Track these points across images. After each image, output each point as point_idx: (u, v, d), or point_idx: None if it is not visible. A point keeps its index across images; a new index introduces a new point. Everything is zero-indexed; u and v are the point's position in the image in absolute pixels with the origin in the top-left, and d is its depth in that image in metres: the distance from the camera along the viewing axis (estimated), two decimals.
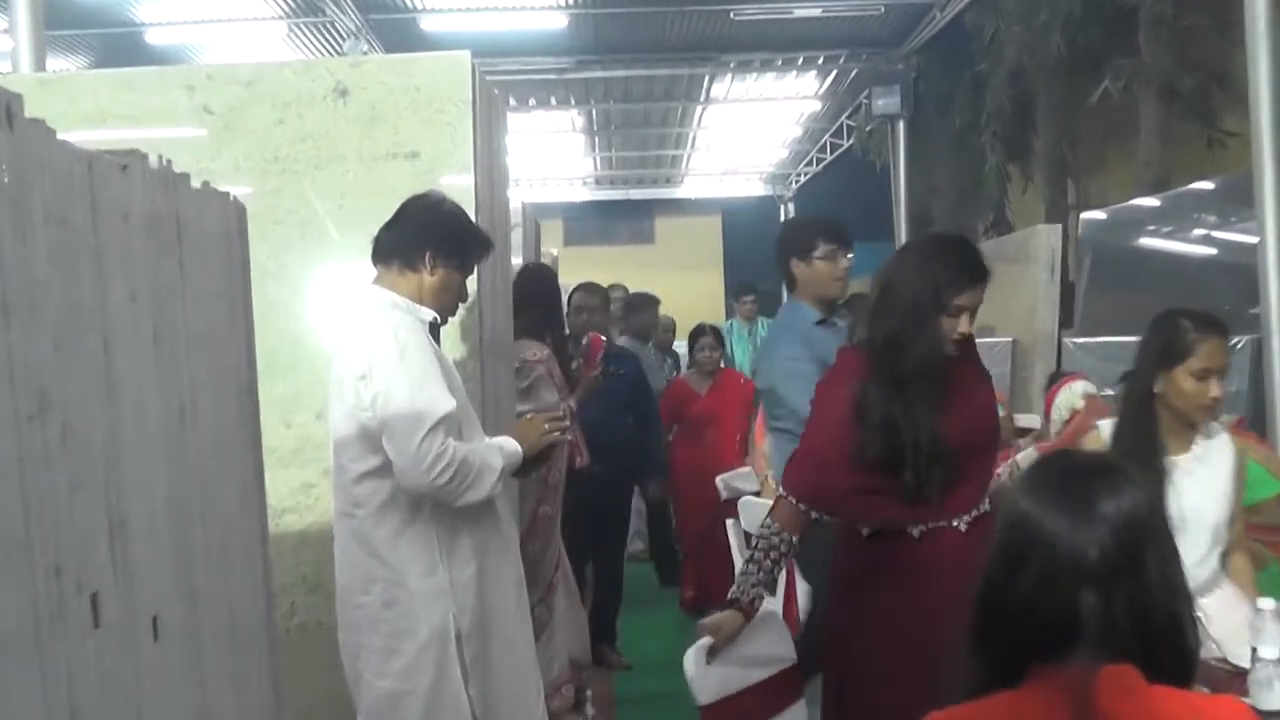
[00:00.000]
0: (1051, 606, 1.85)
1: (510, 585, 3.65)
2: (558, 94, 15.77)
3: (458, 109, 4.37)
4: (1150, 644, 1.84)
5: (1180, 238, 9.95)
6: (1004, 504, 1.99)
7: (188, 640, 2.27)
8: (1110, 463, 1.99)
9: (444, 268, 3.57)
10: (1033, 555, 1.88)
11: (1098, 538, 1.85)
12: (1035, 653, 1.87)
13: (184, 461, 2.28)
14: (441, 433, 3.31)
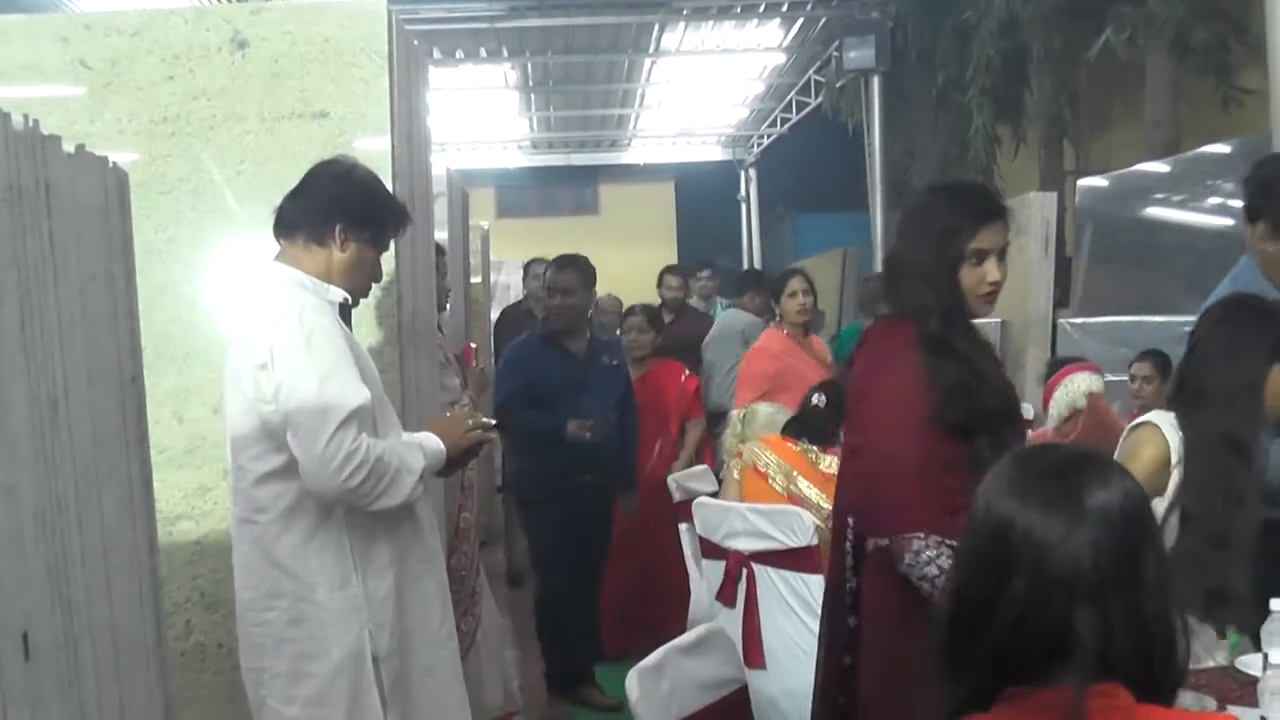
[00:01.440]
0: (1042, 625, 1.88)
1: (433, 599, 3.66)
2: (488, 45, 15.69)
3: (372, 63, 4.37)
4: (1143, 658, 1.88)
5: (1193, 206, 10.05)
6: (978, 506, 1.99)
7: (63, 661, 2.27)
8: (1100, 454, 2.00)
9: (356, 242, 3.57)
10: (1019, 568, 1.89)
11: (1094, 541, 1.87)
12: (1016, 673, 1.90)
13: (54, 462, 2.28)
14: (353, 428, 3.31)
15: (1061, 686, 1.85)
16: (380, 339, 4.30)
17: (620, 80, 18.20)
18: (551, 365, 6.57)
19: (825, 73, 16.64)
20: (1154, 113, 11.41)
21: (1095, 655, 1.85)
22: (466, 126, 19.74)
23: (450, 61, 15.80)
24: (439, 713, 3.68)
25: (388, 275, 4.24)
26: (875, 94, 13.84)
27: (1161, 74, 11.33)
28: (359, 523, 3.45)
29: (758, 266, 21.03)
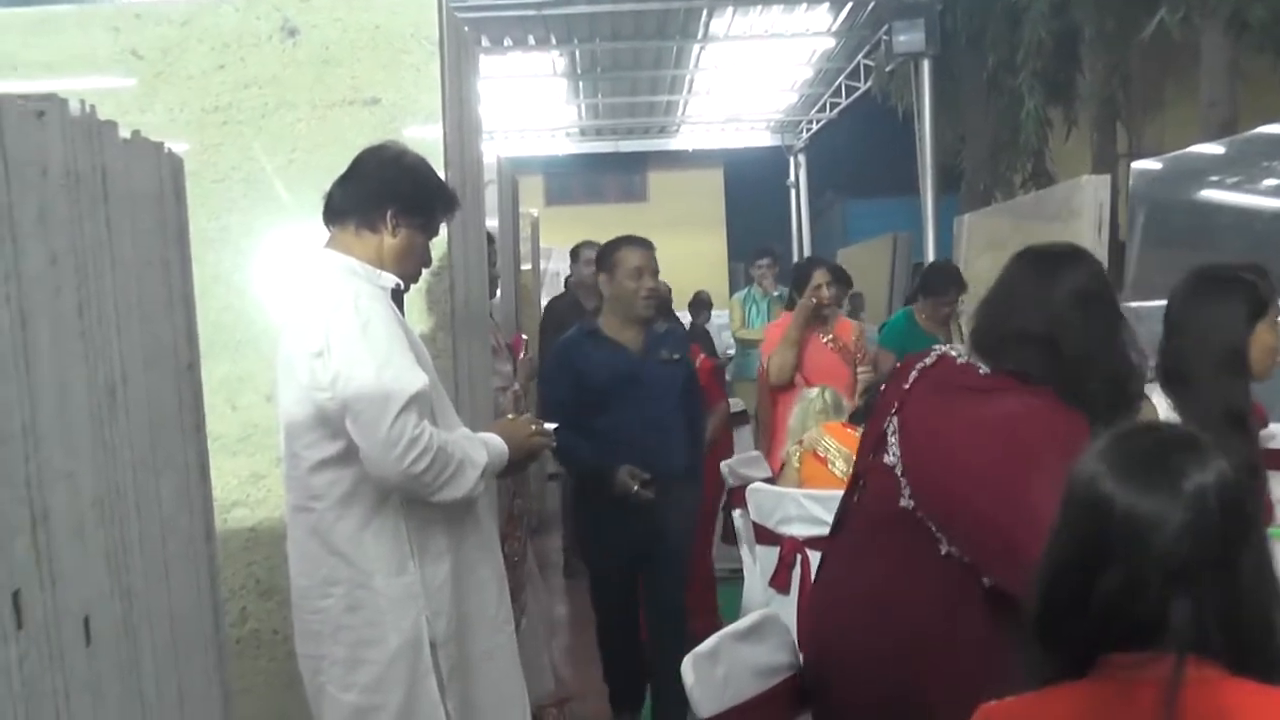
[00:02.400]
0: (1137, 606, 1.90)
1: (490, 585, 3.66)
2: (536, 33, 15.70)
3: (423, 50, 4.37)
4: (1239, 644, 1.90)
5: (1249, 189, 9.95)
6: (1078, 484, 2.00)
7: (123, 648, 2.28)
8: (1199, 436, 1.99)
9: (407, 228, 3.56)
10: (1118, 549, 1.91)
11: (1191, 525, 1.88)
12: (1111, 644, 1.93)
13: (114, 449, 2.29)
14: (414, 413, 3.30)
15: (1156, 660, 1.88)
16: (433, 325, 4.29)
17: (668, 66, 18.17)
18: (602, 363, 5.67)
19: (874, 57, 16.56)
20: (1210, 93, 11.29)
21: (1189, 636, 1.87)
22: (515, 114, 19.76)
23: (499, 49, 15.81)
24: (498, 697, 3.68)
25: (440, 262, 4.24)
26: (925, 78, 13.76)
27: (1218, 53, 11.21)
28: (415, 509, 3.44)
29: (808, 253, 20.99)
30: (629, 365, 5.66)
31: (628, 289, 5.63)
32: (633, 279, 5.62)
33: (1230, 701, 1.87)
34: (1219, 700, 1.87)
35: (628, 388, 5.61)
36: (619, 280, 5.66)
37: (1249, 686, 1.89)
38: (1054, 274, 3.05)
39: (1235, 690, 1.89)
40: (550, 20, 14.99)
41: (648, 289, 5.64)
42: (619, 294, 5.68)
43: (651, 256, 5.70)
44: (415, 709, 3.45)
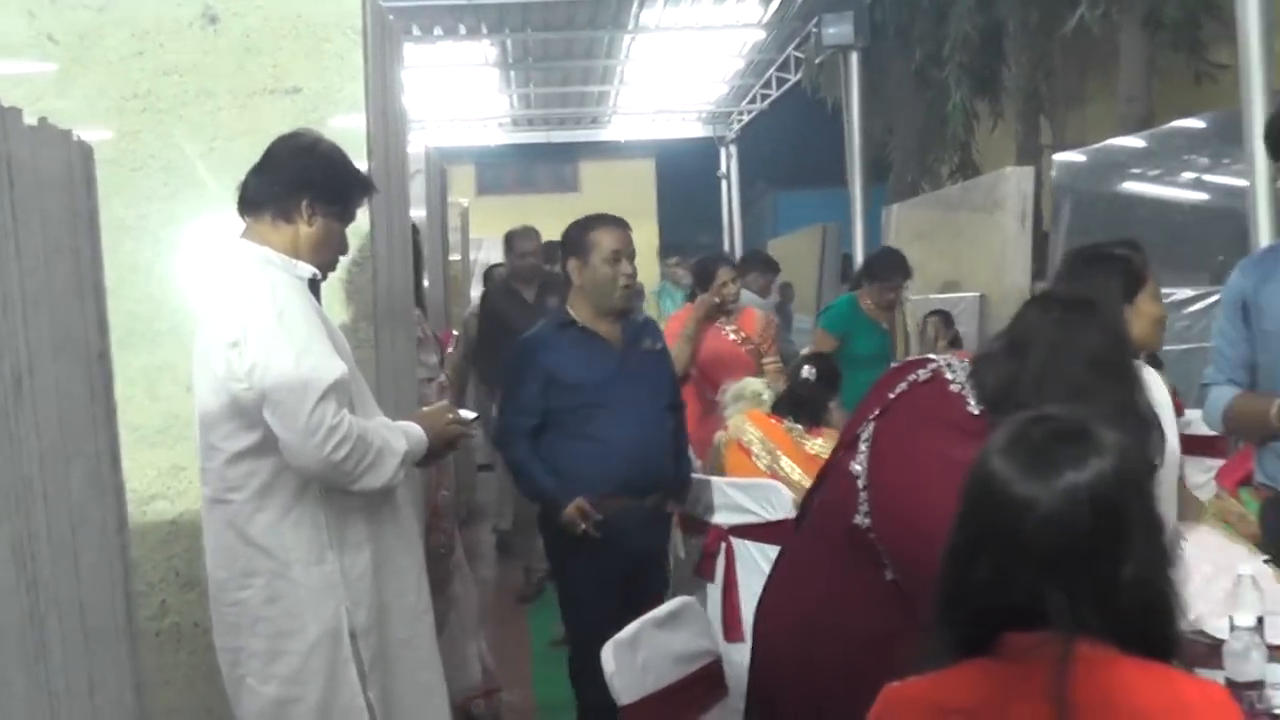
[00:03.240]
0: (1012, 594, 1.96)
1: (410, 575, 3.64)
2: (467, 22, 15.64)
3: (346, 39, 4.32)
4: (1119, 630, 1.94)
5: (1168, 181, 10.08)
6: (975, 464, 2.04)
7: (29, 639, 2.24)
8: (1094, 431, 2.02)
9: (323, 217, 3.53)
10: (994, 534, 1.97)
11: (1062, 519, 1.93)
12: (1004, 626, 1.98)
13: (20, 439, 2.25)
14: (333, 402, 3.28)
15: (1049, 641, 1.92)
16: (355, 315, 4.26)
17: (600, 57, 18.13)
18: (580, 360, 5.01)
19: (805, 49, 16.61)
20: (1127, 88, 11.44)
21: (1066, 622, 1.91)
22: (446, 104, 19.68)
23: (429, 38, 15.74)
24: (418, 685, 3.67)
25: (363, 251, 4.20)
26: (854, 70, 13.84)
27: (1135, 50, 11.36)
28: (334, 499, 3.42)
29: (739, 243, 21.04)
30: (611, 361, 5.04)
31: (604, 275, 5.00)
32: (609, 264, 4.99)
33: (1118, 679, 1.92)
34: (1108, 678, 1.91)
35: (611, 386, 4.98)
36: (593, 265, 5.01)
37: (1136, 664, 1.94)
38: (1079, 332, 2.91)
39: (1124, 668, 1.93)
40: (481, 9, 14.93)
41: (626, 275, 5.04)
42: (593, 281, 5.02)
43: (629, 238, 5.11)
44: (336, 700, 3.43)
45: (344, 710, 3.44)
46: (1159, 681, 1.94)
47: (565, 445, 4.96)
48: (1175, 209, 9.96)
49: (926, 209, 13.72)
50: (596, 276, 5.00)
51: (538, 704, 6.48)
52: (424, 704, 3.68)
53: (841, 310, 8.19)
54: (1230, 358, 4.10)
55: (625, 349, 5.09)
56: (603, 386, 4.96)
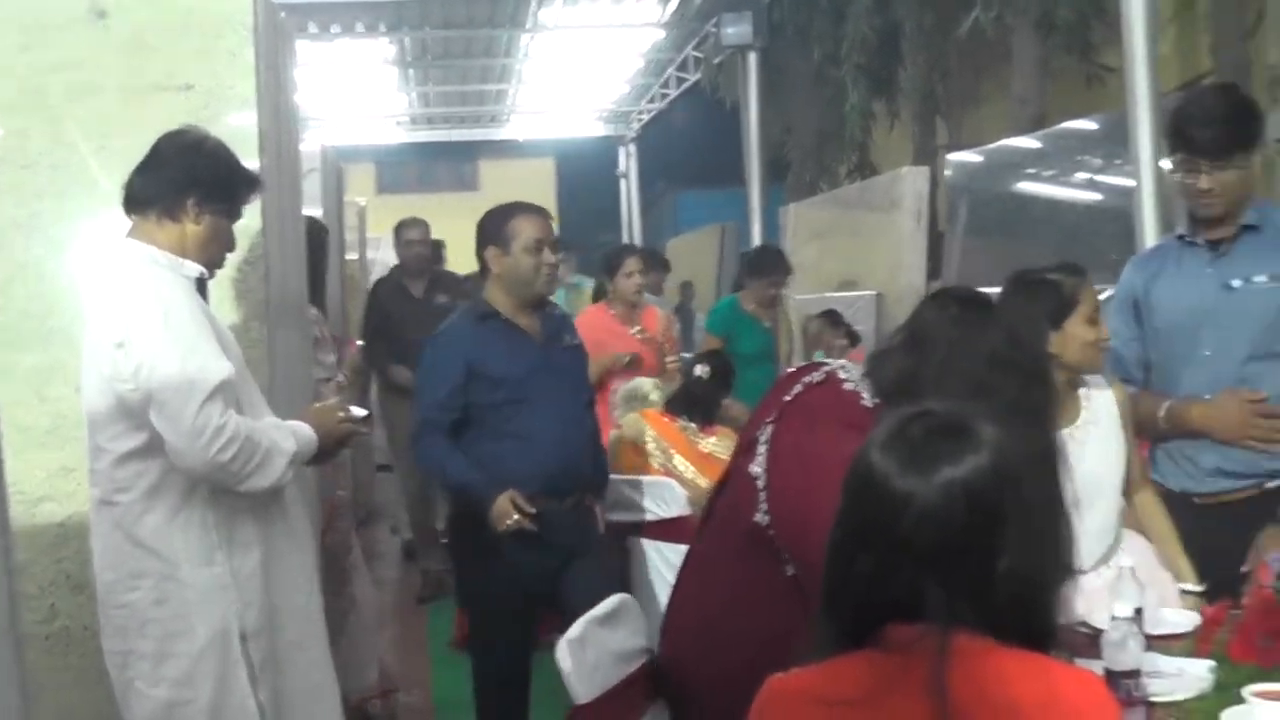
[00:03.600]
0: (892, 587, 1.98)
1: (300, 574, 3.64)
2: (364, 19, 15.52)
3: (237, 35, 4.29)
4: (1004, 617, 1.98)
5: (1062, 181, 10.24)
6: (858, 456, 2.06)
7: None
8: (974, 428, 2.04)
9: (210, 214, 3.52)
10: (874, 527, 2.00)
11: (939, 515, 1.96)
12: (886, 618, 2.00)
13: None
14: (219, 402, 3.27)
15: (929, 632, 1.95)
16: (247, 314, 4.23)
17: (499, 56, 18.07)
18: (504, 353, 4.81)
19: (703, 49, 16.64)
20: (1021, 89, 11.61)
21: (942, 615, 1.94)
22: (344, 102, 19.51)
23: (326, 35, 15.61)
24: (309, 686, 3.66)
25: (255, 250, 4.18)
26: (752, 70, 13.88)
27: (1028, 51, 11.53)
28: (222, 500, 3.40)
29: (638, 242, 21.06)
30: (533, 354, 4.85)
31: (525, 265, 4.81)
32: (531, 253, 4.81)
33: (994, 671, 1.95)
34: (984, 670, 1.94)
35: (535, 380, 4.78)
36: (515, 254, 4.82)
37: (1013, 655, 1.97)
38: (976, 330, 2.96)
39: (1000, 660, 1.96)
40: (379, 7, 14.83)
41: (549, 264, 4.87)
42: (514, 270, 4.83)
43: (550, 226, 4.96)
44: (226, 701, 3.42)
45: (235, 712, 3.42)
46: (1035, 672, 1.97)
47: (486, 444, 4.74)
48: (1068, 208, 10.12)
49: (824, 208, 13.82)
50: (518, 266, 4.82)
51: (436, 704, 6.48)
52: (315, 705, 3.67)
53: (723, 312, 8.25)
54: (1124, 357, 4.15)
55: (546, 342, 4.92)
56: (526, 381, 4.77)
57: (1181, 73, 10.33)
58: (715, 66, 16.25)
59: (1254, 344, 3.89)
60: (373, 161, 25.70)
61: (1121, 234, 8.13)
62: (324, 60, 16.33)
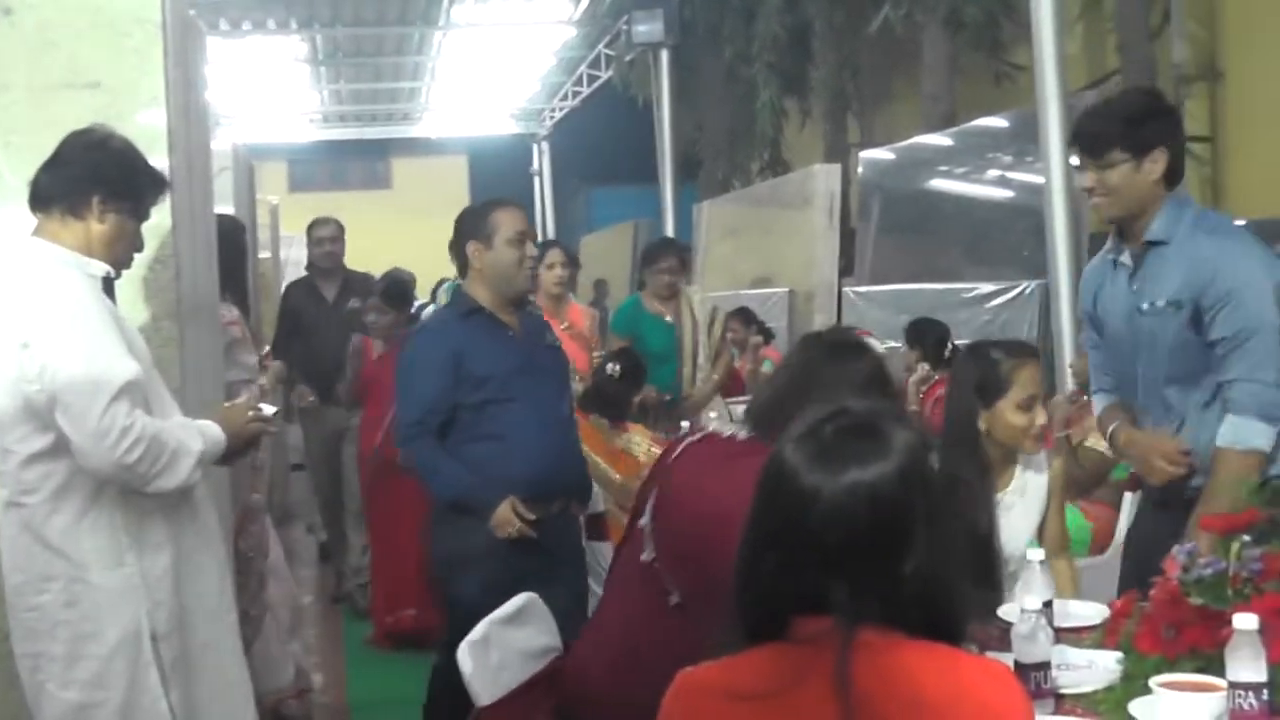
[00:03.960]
0: (799, 583, 2.01)
1: (210, 574, 3.60)
2: (276, 16, 15.43)
3: (145, 33, 4.23)
4: (912, 613, 2.01)
5: (974, 178, 10.34)
6: (772, 453, 2.09)
7: None
8: (887, 431, 2.06)
9: (115, 213, 3.47)
10: (782, 523, 2.02)
11: (844, 515, 1.98)
12: (791, 610, 2.02)
13: None
14: (126, 402, 3.23)
15: (833, 625, 1.97)
16: (157, 314, 4.17)
17: (411, 53, 18.04)
18: (491, 351, 4.66)
19: (615, 46, 16.67)
20: (931, 87, 11.68)
21: (849, 612, 1.97)
22: (256, 99, 19.36)
23: (237, 33, 15.48)
24: (220, 686, 3.63)
25: (164, 249, 4.13)
26: (664, 68, 13.89)
27: (937, 49, 11.61)
28: (132, 501, 3.37)
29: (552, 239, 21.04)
30: (517, 352, 4.70)
31: (507, 259, 4.66)
32: (514, 247, 4.66)
33: (900, 664, 1.97)
34: (890, 663, 1.97)
35: (519, 379, 4.61)
36: (497, 248, 4.67)
37: (921, 648, 1.99)
38: (843, 362, 3.15)
39: (907, 653, 1.98)
40: (290, 4, 14.75)
41: (531, 258, 4.79)
42: (495, 265, 4.68)
43: (528, 220, 4.84)
44: (138, 703, 3.38)
45: (146, 713, 3.39)
46: (942, 665, 1.99)
47: (468, 446, 4.57)
48: (980, 205, 10.22)
49: (737, 206, 13.88)
50: (500, 259, 4.66)
51: (351, 704, 6.45)
52: (227, 705, 3.64)
53: (626, 311, 8.22)
54: (1099, 365, 4.17)
55: (528, 340, 4.77)
56: (510, 380, 4.60)
57: (1089, 71, 10.47)
58: (627, 64, 16.29)
59: (1168, 367, 3.83)
60: (285, 160, 25.48)
61: (1032, 230, 8.24)
62: (235, 57, 16.20)
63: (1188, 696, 2.67)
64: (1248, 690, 2.52)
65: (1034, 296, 8.42)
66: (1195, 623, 2.88)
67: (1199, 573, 2.91)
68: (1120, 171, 3.78)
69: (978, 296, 9.06)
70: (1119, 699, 2.81)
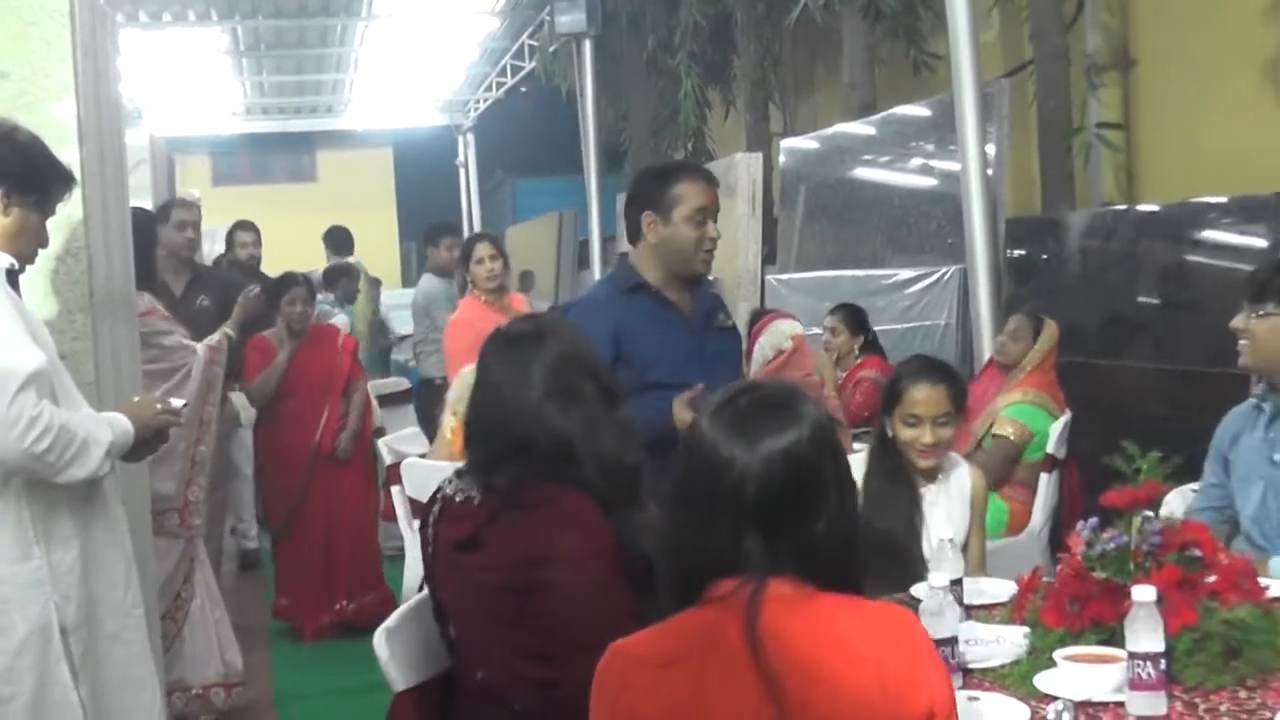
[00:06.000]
0: (715, 542, 2.13)
1: (118, 567, 3.58)
2: (196, 8, 15.27)
3: (53, 22, 4.19)
4: (814, 573, 2.13)
5: (896, 166, 10.40)
6: (690, 427, 2.27)
7: None
8: (798, 401, 2.20)
9: (19, 207, 3.46)
10: (701, 488, 2.16)
11: (761, 479, 2.11)
12: (710, 574, 2.14)
13: None
14: (33, 392, 3.19)
15: (747, 585, 2.11)
16: (69, 307, 4.14)
17: (334, 45, 17.91)
18: (656, 332, 4.23)
19: (539, 37, 16.63)
20: (851, 76, 11.72)
21: (762, 567, 2.10)
22: (178, 92, 19.18)
23: (157, 24, 15.32)
24: (128, 679, 3.61)
25: (77, 242, 4.10)
26: (587, 58, 13.89)
27: (857, 38, 11.64)
28: (39, 493, 3.34)
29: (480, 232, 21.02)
30: (686, 338, 4.28)
31: (685, 239, 4.20)
32: (693, 225, 4.18)
33: (811, 615, 2.10)
34: (802, 615, 2.09)
35: (688, 369, 4.10)
36: (675, 224, 4.20)
37: (832, 600, 2.12)
38: (525, 366, 3.04)
39: (818, 603, 2.11)
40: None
41: (712, 240, 4.26)
42: (670, 244, 4.22)
43: (717, 195, 4.31)
44: (47, 696, 3.36)
45: (56, 707, 3.37)
46: (851, 611, 2.12)
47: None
48: (901, 192, 10.28)
49: None
50: (678, 237, 4.20)
51: (276, 695, 6.44)
52: (135, 698, 3.62)
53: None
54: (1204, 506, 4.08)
55: (699, 324, 4.34)
56: (678, 369, 4.12)
57: (1006, 60, 10.54)
58: (550, 54, 16.23)
59: None
60: (208, 153, 25.27)
61: (952, 217, 8.31)
62: (156, 49, 16.03)
63: (1089, 668, 2.73)
64: (1145, 660, 2.59)
65: (952, 282, 8.49)
66: (1099, 596, 2.95)
67: (1102, 547, 2.97)
68: (1269, 324, 3.77)
69: (898, 282, 9.12)
70: (1024, 672, 2.87)
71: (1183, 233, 7.02)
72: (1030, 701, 2.72)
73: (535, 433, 2.98)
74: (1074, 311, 7.34)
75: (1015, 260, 8.29)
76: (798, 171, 11.75)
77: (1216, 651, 2.75)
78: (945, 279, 8.63)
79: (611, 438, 3.03)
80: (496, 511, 2.96)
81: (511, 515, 2.94)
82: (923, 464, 3.96)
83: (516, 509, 2.94)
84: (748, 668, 2.04)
